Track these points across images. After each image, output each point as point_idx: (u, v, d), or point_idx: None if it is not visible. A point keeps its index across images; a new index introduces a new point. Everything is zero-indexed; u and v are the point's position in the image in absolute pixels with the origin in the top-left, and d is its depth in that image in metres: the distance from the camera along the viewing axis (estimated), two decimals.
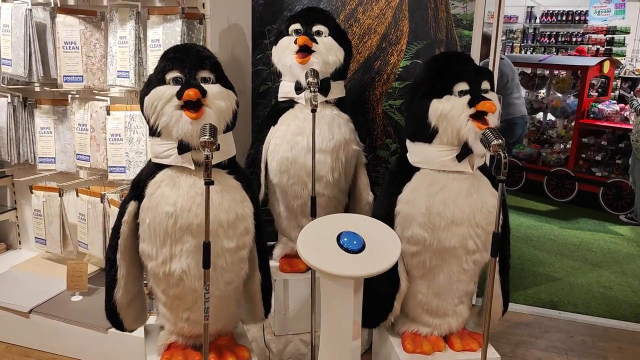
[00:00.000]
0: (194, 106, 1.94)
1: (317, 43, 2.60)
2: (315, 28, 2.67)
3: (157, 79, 2.04)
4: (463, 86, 2.15)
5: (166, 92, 1.97)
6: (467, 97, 2.12)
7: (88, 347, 2.78)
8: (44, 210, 3.24)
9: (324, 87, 2.65)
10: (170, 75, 2.02)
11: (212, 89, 2.02)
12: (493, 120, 2.11)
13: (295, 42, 2.59)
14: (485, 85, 2.19)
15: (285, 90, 2.75)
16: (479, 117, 2.09)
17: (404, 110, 2.42)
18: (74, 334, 2.79)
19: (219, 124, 1.97)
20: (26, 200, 3.47)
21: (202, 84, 2.00)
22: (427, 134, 2.20)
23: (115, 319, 2.23)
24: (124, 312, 2.21)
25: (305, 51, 2.58)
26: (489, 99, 2.10)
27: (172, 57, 2.06)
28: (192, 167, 2.02)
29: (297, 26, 2.67)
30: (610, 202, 5.88)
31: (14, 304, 2.91)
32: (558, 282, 4.11)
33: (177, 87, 1.97)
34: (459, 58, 2.33)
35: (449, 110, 2.12)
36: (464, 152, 2.15)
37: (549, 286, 4.03)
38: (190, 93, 1.91)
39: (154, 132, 2.05)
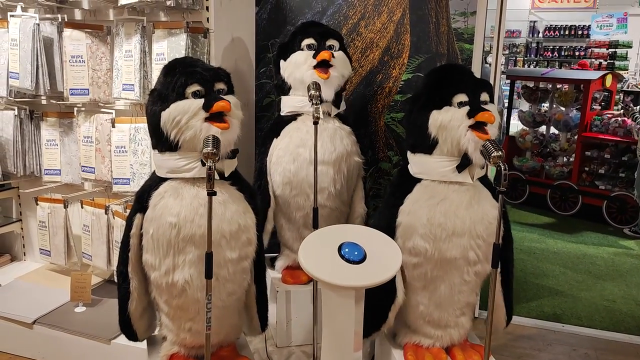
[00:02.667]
0: (218, 117, 1.97)
1: (334, 57, 2.64)
2: (328, 42, 2.70)
3: (176, 94, 2.01)
4: (462, 97, 2.17)
5: (192, 105, 1.97)
6: (467, 108, 2.14)
7: (91, 358, 2.78)
8: (48, 222, 3.26)
9: (337, 100, 2.69)
10: (190, 89, 2.01)
11: (231, 99, 2.05)
12: (493, 130, 2.13)
13: (314, 57, 2.61)
14: (484, 96, 2.21)
15: (297, 104, 2.74)
16: (478, 127, 2.11)
17: (404, 121, 2.44)
18: (77, 345, 2.80)
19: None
20: (31, 212, 3.49)
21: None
22: (427, 145, 2.22)
23: (129, 331, 2.25)
24: (137, 323, 2.24)
25: (325, 66, 2.60)
26: (488, 110, 2.12)
27: (192, 72, 2.04)
28: (218, 177, 2.01)
29: (310, 41, 2.68)
30: (614, 215, 5.86)
31: (18, 315, 2.92)
32: (561, 295, 4.10)
33: (200, 101, 1.98)
34: (457, 70, 2.35)
35: (449, 121, 2.14)
36: (464, 162, 2.16)
37: (553, 299, 4.02)
38: (224, 104, 1.94)
39: (171, 146, 2.02)
